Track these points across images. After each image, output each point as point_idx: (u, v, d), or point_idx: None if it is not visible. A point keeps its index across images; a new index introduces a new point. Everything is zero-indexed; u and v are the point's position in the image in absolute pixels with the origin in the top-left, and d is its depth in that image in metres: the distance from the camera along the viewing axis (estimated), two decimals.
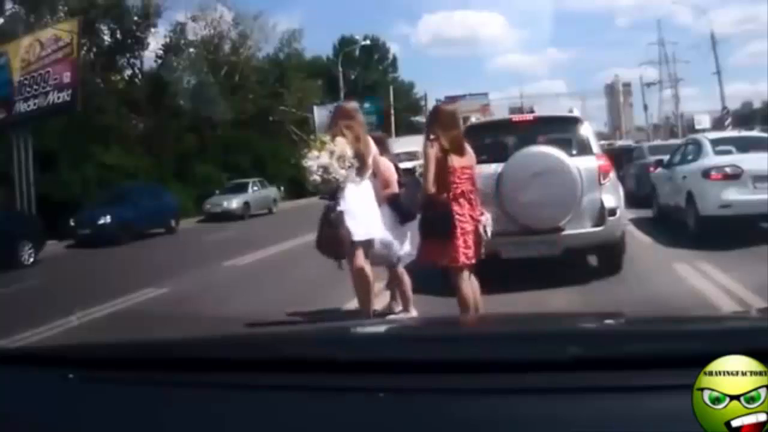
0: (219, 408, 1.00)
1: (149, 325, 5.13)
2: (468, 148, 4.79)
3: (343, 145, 4.76)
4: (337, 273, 5.15)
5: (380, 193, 5.10)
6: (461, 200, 4.56)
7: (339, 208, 4.81)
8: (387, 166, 5.32)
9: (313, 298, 6.23)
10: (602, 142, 8.41)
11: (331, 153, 4.70)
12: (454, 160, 4.57)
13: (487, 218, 4.71)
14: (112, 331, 5.56)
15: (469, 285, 4.57)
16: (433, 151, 4.55)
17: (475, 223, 4.58)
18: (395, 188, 5.27)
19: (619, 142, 32.70)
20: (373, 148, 5.06)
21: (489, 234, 4.69)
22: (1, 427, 1.07)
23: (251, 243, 12.12)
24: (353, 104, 5.64)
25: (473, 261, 4.56)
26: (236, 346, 1.30)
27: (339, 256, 4.95)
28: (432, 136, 4.65)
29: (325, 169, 4.68)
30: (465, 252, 4.50)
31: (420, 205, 4.77)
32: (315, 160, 4.71)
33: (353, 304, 5.23)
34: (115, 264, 12.50)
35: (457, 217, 4.50)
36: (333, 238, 4.85)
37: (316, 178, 4.71)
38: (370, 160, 4.95)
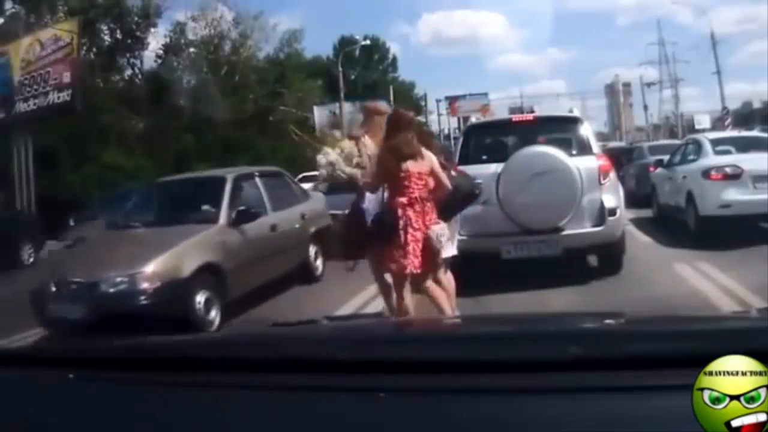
0: (219, 408, 1.00)
1: (149, 326, 5.12)
2: (427, 153, 4.47)
3: (351, 147, 4.94)
4: (337, 271, 5.15)
5: None
6: (416, 206, 4.32)
7: (364, 206, 4.79)
8: None
9: (314, 297, 6.23)
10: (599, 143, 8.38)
11: (341, 150, 4.93)
12: (409, 165, 4.33)
13: (442, 227, 4.39)
14: (112, 332, 5.55)
15: (409, 295, 4.35)
16: (383, 154, 4.44)
17: (426, 231, 4.30)
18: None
19: (612, 144, 32.41)
20: None
21: (443, 244, 4.38)
22: (1, 427, 1.07)
23: None
24: (385, 105, 5.85)
25: (419, 270, 4.30)
26: (236, 346, 1.29)
27: (359, 255, 4.93)
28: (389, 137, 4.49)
29: (333, 165, 4.89)
30: (412, 261, 4.26)
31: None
32: (325, 156, 4.95)
33: (353, 304, 5.23)
34: None
35: (410, 223, 4.29)
36: (360, 235, 4.74)
37: (323, 171, 5.00)
38: None
